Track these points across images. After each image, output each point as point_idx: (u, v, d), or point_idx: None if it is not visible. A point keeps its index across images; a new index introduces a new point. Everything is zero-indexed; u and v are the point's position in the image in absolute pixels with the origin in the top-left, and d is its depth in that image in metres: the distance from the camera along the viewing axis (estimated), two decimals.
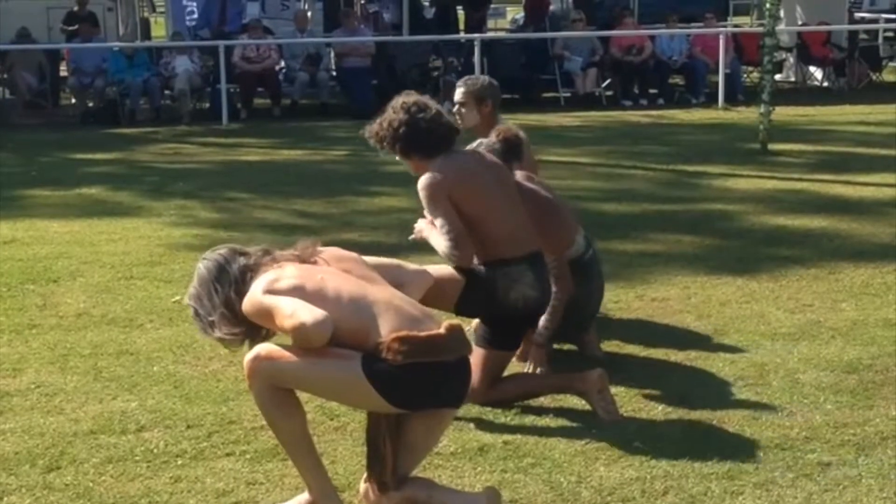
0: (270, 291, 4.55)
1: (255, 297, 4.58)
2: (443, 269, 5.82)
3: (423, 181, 5.74)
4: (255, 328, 4.70)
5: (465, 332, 4.72)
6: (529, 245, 5.88)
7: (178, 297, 7.92)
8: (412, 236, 6.09)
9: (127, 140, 16.64)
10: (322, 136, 16.82)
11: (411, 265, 5.37)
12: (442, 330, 4.54)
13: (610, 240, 9.57)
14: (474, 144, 6.40)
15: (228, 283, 4.68)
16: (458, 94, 7.38)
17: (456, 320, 4.77)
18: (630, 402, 5.94)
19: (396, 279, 4.96)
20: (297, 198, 11.87)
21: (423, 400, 4.56)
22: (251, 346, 4.71)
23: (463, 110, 7.31)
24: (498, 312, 5.86)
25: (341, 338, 4.49)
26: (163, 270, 8.77)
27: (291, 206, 11.51)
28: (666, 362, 6.63)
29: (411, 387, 4.48)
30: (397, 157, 5.87)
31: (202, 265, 4.80)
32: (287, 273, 4.62)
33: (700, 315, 7.50)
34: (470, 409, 5.82)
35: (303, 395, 5.71)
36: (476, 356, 5.86)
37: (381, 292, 4.67)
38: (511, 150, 6.44)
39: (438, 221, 5.75)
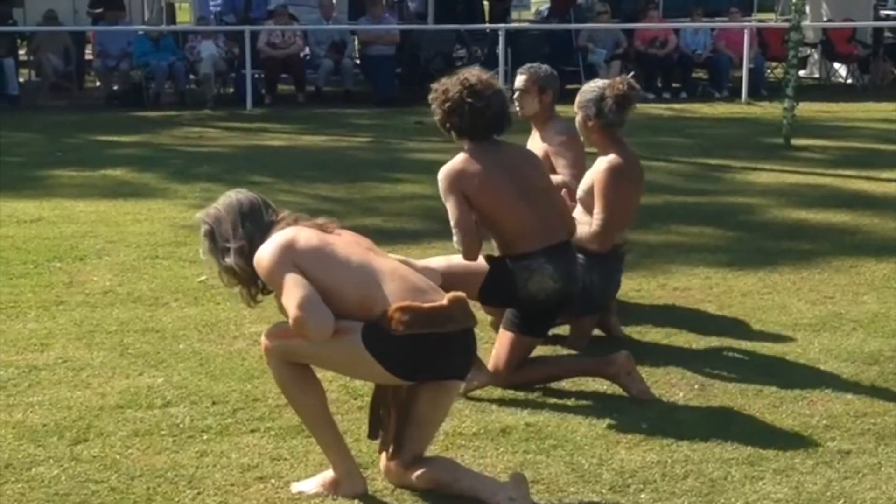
0: (287, 247, 4.57)
1: (273, 257, 4.57)
2: (462, 260, 5.88)
3: (442, 171, 5.79)
4: (255, 279, 4.73)
5: (469, 304, 4.74)
6: (551, 238, 5.85)
7: (203, 277, 7.98)
8: None
9: (151, 123, 16.72)
10: (345, 123, 16.88)
11: (421, 262, 5.45)
12: (445, 301, 4.58)
13: (633, 230, 9.57)
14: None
15: (257, 225, 4.71)
16: (520, 80, 7.31)
17: (460, 292, 4.76)
18: (652, 388, 5.96)
19: None
20: (320, 183, 11.92)
21: (426, 371, 4.61)
22: (243, 294, 4.78)
23: (523, 98, 7.28)
24: (519, 303, 5.90)
25: (347, 305, 4.53)
26: (188, 251, 8.82)
27: (314, 191, 11.57)
28: (687, 350, 6.67)
29: (414, 358, 4.53)
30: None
31: (237, 196, 4.82)
32: (304, 234, 4.66)
33: (721, 305, 7.54)
34: (493, 391, 5.88)
35: (326, 374, 5.77)
36: (502, 339, 5.92)
37: (388, 263, 4.73)
38: (622, 105, 6.52)
39: (449, 214, 5.78)
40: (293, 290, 4.50)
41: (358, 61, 20.44)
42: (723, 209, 10.71)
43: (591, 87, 6.62)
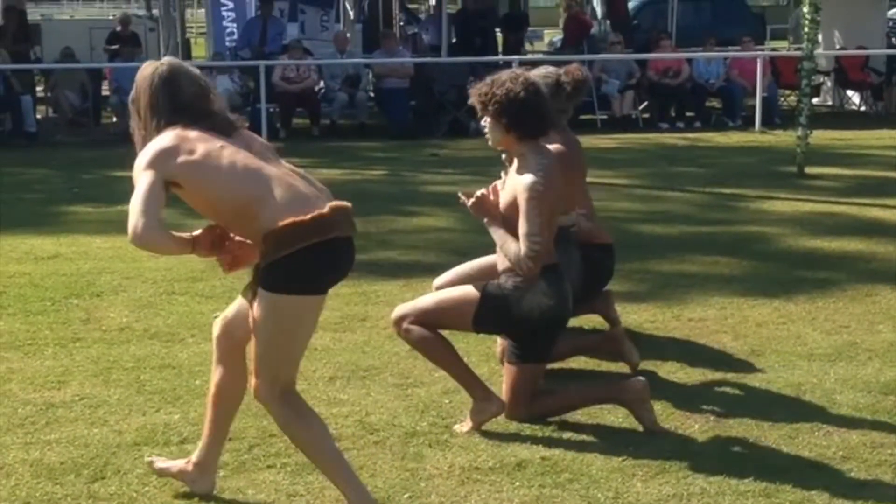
0: (164, 153, 4.65)
1: (146, 155, 4.69)
2: (454, 291, 5.92)
3: (536, 182, 5.68)
4: None
5: (350, 211, 4.82)
6: (546, 257, 5.84)
7: (219, 313, 8.00)
8: (468, 203, 5.93)
9: None
10: (360, 156, 16.93)
11: (410, 303, 5.70)
12: (326, 209, 4.66)
13: (647, 260, 9.63)
14: None
15: (166, 107, 4.77)
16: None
17: (344, 201, 4.82)
18: (667, 419, 5.98)
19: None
20: None
21: (326, 279, 4.76)
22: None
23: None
24: (515, 325, 5.89)
25: (226, 210, 4.69)
26: (204, 286, 8.86)
27: None
28: (703, 381, 6.67)
29: (308, 269, 4.64)
30: (487, 124, 5.84)
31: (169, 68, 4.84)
32: (191, 136, 4.71)
33: (737, 335, 7.54)
34: (508, 425, 5.89)
35: (342, 410, 5.81)
36: (508, 373, 5.96)
37: (278, 169, 4.77)
38: (579, 91, 6.54)
39: (531, 228, 5.67)
40: (139, 191, 4.61)
41: (372, 94, 20.50)
42: (737, 238, 10.72)
43: (543, 73, 6.57)
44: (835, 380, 6.63)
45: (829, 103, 22.27)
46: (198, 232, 4.86)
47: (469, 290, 5.93)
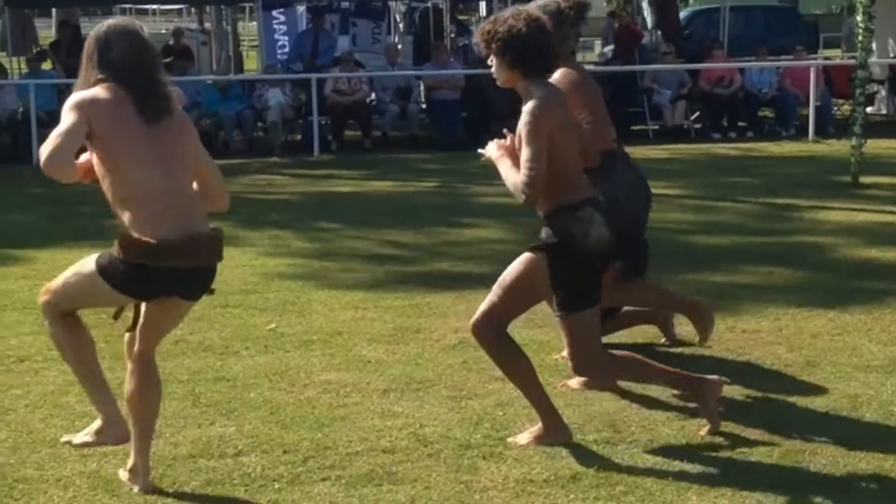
0: (89, 105, 4.99)
1: (76, 97, 5.02)
2: (511, 271, 5.86)
3: (534, 107, 5.65)
4: None
5: (218, 241, 5.12)
6: (589, 188, 5.84)
7: (273, 325, 8.07)
8: (483, 158, 5.99)
9: (220, 171, 16.86)
10: (412, 168, 16.97)
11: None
12: (174, 237, 4.94)
13: (700, 272, 9.60)
14: None
15: (106, 62, 5.08)
16: None
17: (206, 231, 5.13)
18: (721, 431, 5.94)
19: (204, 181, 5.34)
20: (387, 228, 11.99)
21: (148, 294, 5.12)
22: None
23: None
24: (585, 264, 5.75)
25: (108, 185, 5.01)
26: (257, 299, 8.91)
27: (382, 236, 11.63)
28: (757, 393, 6.63)
29: (140, 282, 5.02)
30: (493, 62, 5.81)
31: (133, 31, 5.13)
32: (119, 97, 5.00)
33: (791, 347, 7.50)
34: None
35: (396, 423, 5.82)
36: (567, 328, 5.79)
37: (177, 184, 5.06)
38: (581, 14, 6.49)
39: (528, 153, 5.61)
40: (62, 128, 4.90)
41: (424, 106, 20.55)
42: (791, 249, 10.66)
43: (542, 3, 6.50)
44: (892, 391, 6.58)
45: (884, 112, 22.10)
46: (83, 158, 5.15)
47: (527, 259, 5.84)
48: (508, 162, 5.77)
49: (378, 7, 24.27)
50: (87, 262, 5.12)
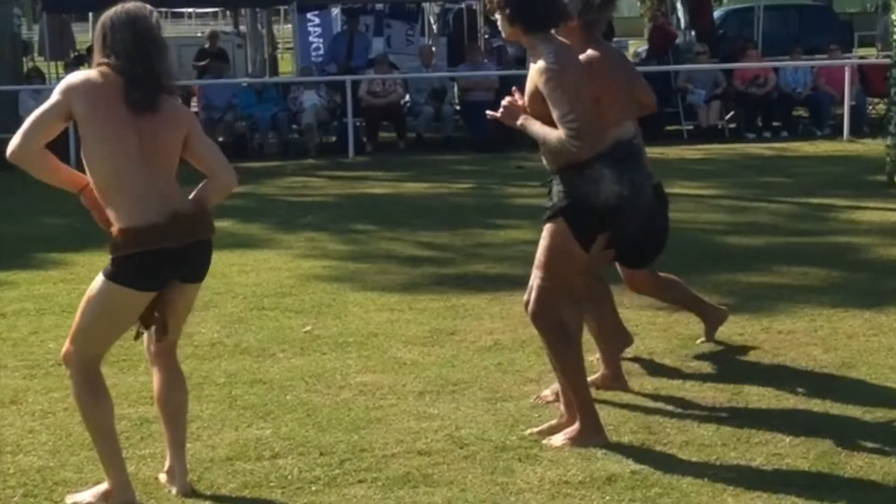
0: (73, 88, 5.01)
1: (64, 81, 5.07)
2: (541, 244, 5.93)
3: (548, 64, 5.63)
4: None
5: (204, 215, 5.13)
6: (602, 142, 5.83)
7: (308, 328, 8.11)
8: (498, 115, 5.96)
9: (255, 174, 16.94)
10: (447, 170, 17.00)
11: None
12: (160, 219, 4.96)
13: (735, 272, 9.58)
14: None
15: (110, 43, 5.06)
16: None
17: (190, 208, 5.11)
18: (757, 433, 5.95)
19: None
20: (422, 230, 12.02)
21: (156, 281, 5.08)
22: None
23: None
24: (606, 219, 5.81)
25: (93, 174, 5.03)
26: (293, 301, 8.95)
27: (417, 238, 11.66)
28: (793, 394, 6.62)
29: (144, 271, 5.01)
30: (499, 21, 5.83)
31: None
32: (108, 84, 5.02)
33: (827, 348, 7.48)
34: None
35: (432, 425, 5.84)
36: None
37: (155, 172, 5.03)
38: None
39: (561, 108, 5.59)
40: (36, 112, 5.00)
41: (458, 108, 20.58)
42: (826, 249, 10.62)
43: None
44: None
45: None
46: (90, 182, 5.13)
47: (548, 229, 5.88)
48: (536, 123, 5.76)
49: (412, 9, 24.32)
50: (92, 287, 5.14)
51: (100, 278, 5.08)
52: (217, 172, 5.21)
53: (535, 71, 5.70)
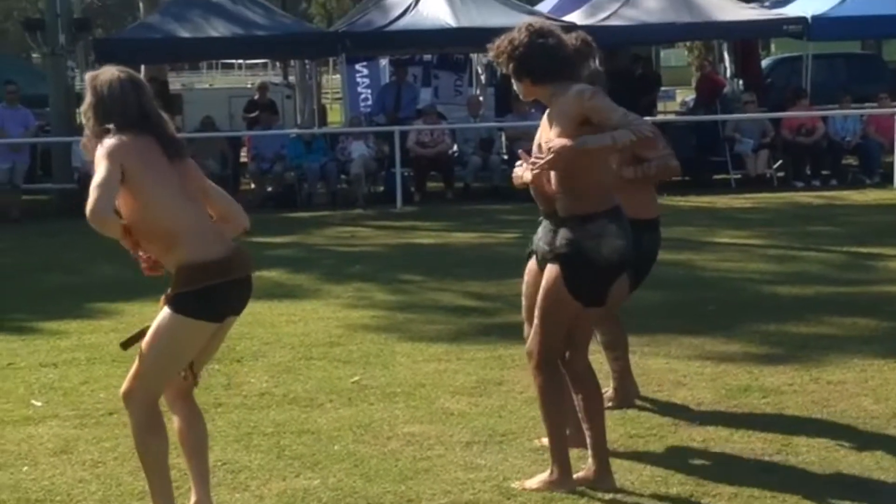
0: (119, 150, 5.14)
1: (107, 146, 5.14)
2: (540, 297, 5.95)
3: (578, 92, 5.71)
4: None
5: (249, 252, 5.39)
6: (612, 200, 5.87)
7: (356, 378, 8.13)
8: (543, 163, 6.07)
9: (304, 223, 17.06)
10: (494, 219, 17.03)
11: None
12: (228, 253, 5.23)
13: (784, 322, 9.54)
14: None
15: (124, 111, 5.24)
16: None
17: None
18: (807, 485, 5.91)
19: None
20: (470, 280, 12.04)
21: (224, 311, 5.30)
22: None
23: None
24: (603, 274, 5.82)
25: (147, 224, 5.20)
26: (341, 351, 8.98)
27: (465, 288, 11.68)
28: (843, 446, 6.58)
29: (214, 303, 5.21)
30: (514, 85, 5.95)
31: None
32: (145, 142, 5.22)
33: (878, 398, 7.43)
34: (642, 485, 5.87)
35: (479, 475, 5.84)
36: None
37: (203, 211, 5.36)
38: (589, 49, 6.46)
39: (616, 112, 5.68)
40: (100, 178, 5.07)
41: (506, 157, 20.61)
42: (877, 299, 10.56)
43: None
44: None
45: None
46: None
47: (547, 277, 5.91)
48: (590, 136, 5.70)
49: (460, 59, 24.45)
50: (160, 325, 5.27)
51: (169, 314, 5.22)
52: (235, 215, 5.54)
53: (567, 105, 5.74)
